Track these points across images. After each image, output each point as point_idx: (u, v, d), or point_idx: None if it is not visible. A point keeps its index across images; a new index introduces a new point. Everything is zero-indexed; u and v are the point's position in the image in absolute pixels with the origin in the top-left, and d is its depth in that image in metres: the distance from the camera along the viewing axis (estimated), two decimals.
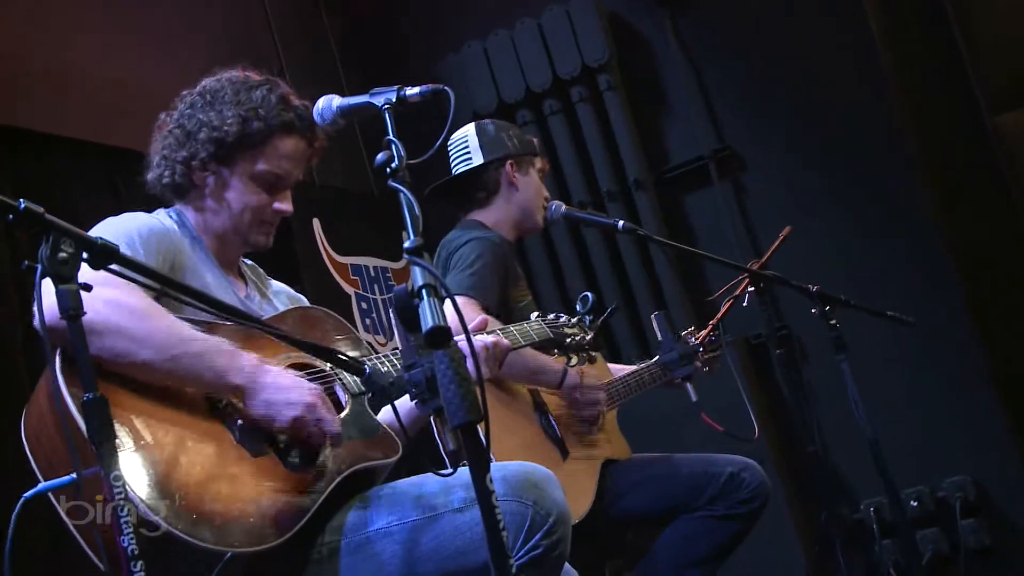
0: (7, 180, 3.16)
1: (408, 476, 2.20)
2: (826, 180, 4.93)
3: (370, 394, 2.02)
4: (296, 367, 2.17)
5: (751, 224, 5.12)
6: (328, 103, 2.06)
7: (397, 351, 2.19)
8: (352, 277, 4.94)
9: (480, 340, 2.44)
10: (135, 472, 1.80)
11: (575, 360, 2.94)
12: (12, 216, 1.58)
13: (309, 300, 2.59)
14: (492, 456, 2.15)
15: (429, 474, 2.07)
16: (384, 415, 2.31)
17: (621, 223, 3.19)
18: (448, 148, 3.48)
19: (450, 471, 1.95)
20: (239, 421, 2.03)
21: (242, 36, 4.75)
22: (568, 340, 2.89)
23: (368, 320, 4.92)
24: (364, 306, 4.93)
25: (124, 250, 2.06)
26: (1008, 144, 4.71)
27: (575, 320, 2.97)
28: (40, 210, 1.59)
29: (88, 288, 1.62)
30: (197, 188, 2.33)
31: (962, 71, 4.75)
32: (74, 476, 1.63)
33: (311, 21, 5.38)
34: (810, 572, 4.39)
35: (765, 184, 5.11)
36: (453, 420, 1.60)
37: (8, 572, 1.74)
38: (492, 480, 1.62)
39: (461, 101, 1.70)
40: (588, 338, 2.94)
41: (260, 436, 2.04)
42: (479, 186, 3.46)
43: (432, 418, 2.26)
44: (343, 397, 2.24)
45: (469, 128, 3.50)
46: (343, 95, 2.08)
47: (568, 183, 5.26)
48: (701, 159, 5.19)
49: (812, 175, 4.97)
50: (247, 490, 1.93)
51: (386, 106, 1.93)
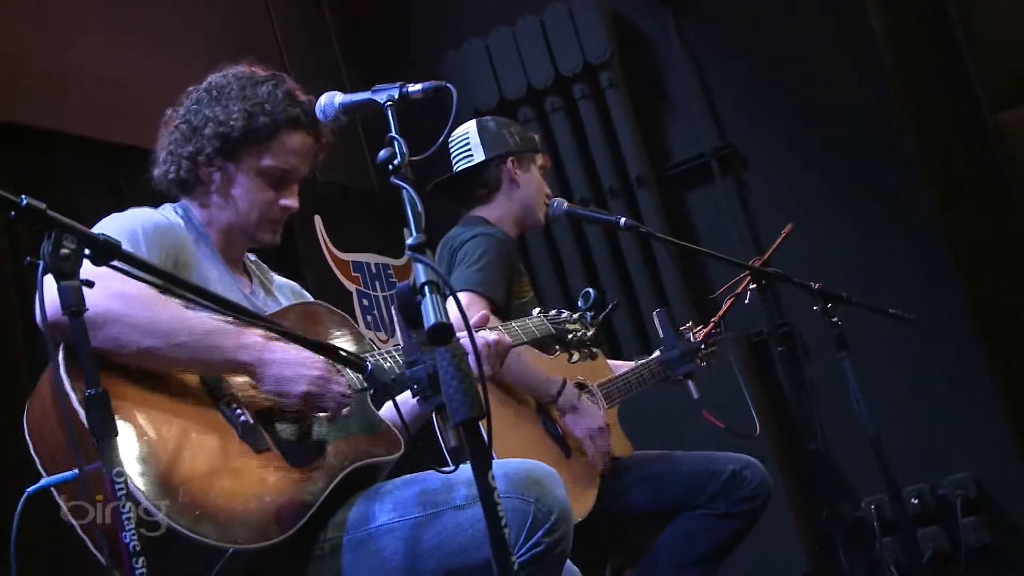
0: (9, 177, 3.16)
1: (410, 473, 2.20)
2: (828, 178, 4.93)
3: (372, 390, 2.01)
4: None
5: (753, 221, 5.12)
6: (330, 100, 2.05)
7: (399, 347, 2.19)
8: (353, 274, 4.94)
9: (482, 337, 2.43)
10: (138, 467, 1.80)
11: (576, 356, 2.93)
12: (14, 212, 1.58)
13: (311, 296, 2.59)
14: (494, 453, 2.15)
15: (431, 471, 2.07)
16: (387, 411, 2.31)
17: (623, 220, 3.18)
18: (449, 145, 3.48)
19: (452, 468, 1.95)
20: (242, 417, 2.03)
21: (244, 34, 4.76)
22: (569, 336, 2.88)
23: (369, 317, 4.92)
24: (365, 303, 4.93)
25: (127, 246, 2.06)
26: (1009, 142, 4.70)
27: (577, 316, 2.96)
28: (42, 206, 1.59)
29: (90, 284, 1.62)
30: (203, 184, 2.32)
31: (963, 69, 4.74)
32: (77, 472, 1.63)
33: (313, 19, 5.37)
34: (811, 570, 4.39)
35: (767, 181, 5.11)
36: (455, 417, 1.60)
37: (14, 566, 1.74)
38: (494, 477, 1.62)
39: (463, 98, 1.70)
40: (589, 334, 2.93)
41: (263, 432, 2.04)
42: (480, 183, 3.46)
43: (434, 415, 2.27)
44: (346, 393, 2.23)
45: (470, 125, 3.49)
46: (345, 92, 2.08)
47: (570, 180, 5.26)
48: (703, 156, 5.19)
49: (814, 173, 4.97)
50: (250, 486, 1.93)
51: (388, 103, 1.93)
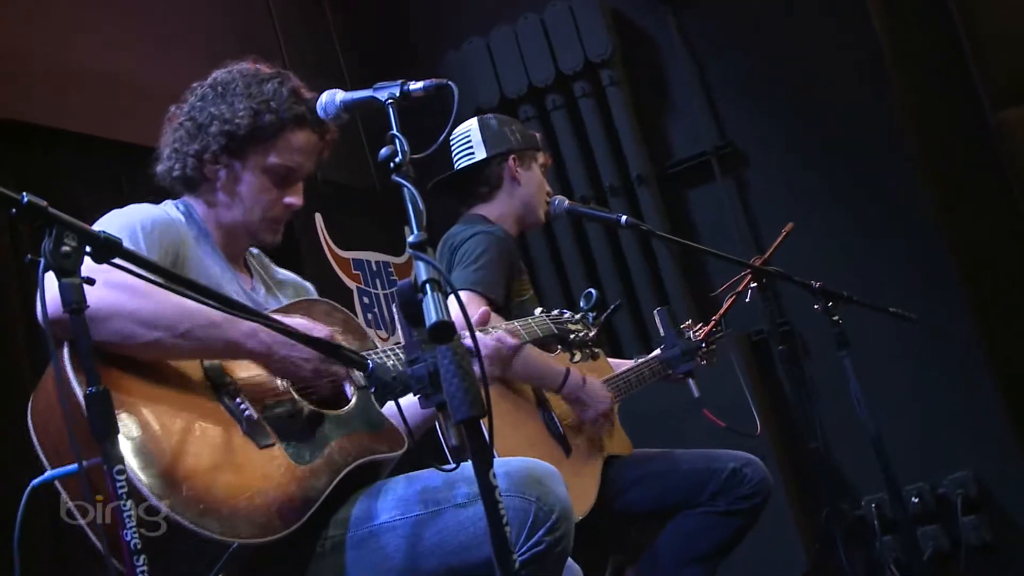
0: (10, 174, 3.15)
1: (411, 470, 2.19)
2: (828, 176, 4.93)
3: (373, 389, 2.01)
4: None
5: (753, 220, 5.11)
6: (332, 97, 2.05)
7: (400, 345, 2.19)
8: (354, 272, 4.94)
9: (486, 340, 2.44)
10: (142, 461, 1.80)
11: (578, 356, 2.92)
12: (15, 210, 1.58)
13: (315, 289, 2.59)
14: (495, 452, 2.15)
15: (432, 469, 2.07)
16: (389, 410, 2.31)
17: (624, 218, 3.18)
18: (451, 143, 3.47)
19: (453, 466, 1.95)
20: (246, 411, 2.02)
21: (245, 31, 4.75)
22: (571, 336, 2.87)
23: (370, 315, 4.92)
24: (366, 301, 4.93)
25: (127, 242, 2.06)
26: (1010, 141, 4.70)
27: (579, 316, 2.95)
28: (43, 204, 1.58)
29: (91, 282, 1.62)
30: (208, 181, 2.32)
31: (964, 67, 4.74)
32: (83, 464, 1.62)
33: (313, 17, 5.37)
34: (811, 568, 4.39)
35: (767, 180, 5.11)
36: (456, 415, 1.60)
37: (17, 562, 1.74)
38: (495, 475, 1.62)
39: (463, 96, 1.70)
40: (591, 334, 2.93)
41: (267, 427, 2.04)
42: (481, 181, 3.45)
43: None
44: (349, 390, 2.24)
45: (472, 123, 3.49)
46: (346, 90, 2.07)
47: (570, 178, 5.26)
48: (703, 155, 5.18)
49: (815, 171, 4.96)
50: (254, 481, 1.93)
51: (390, 100, 1.92)
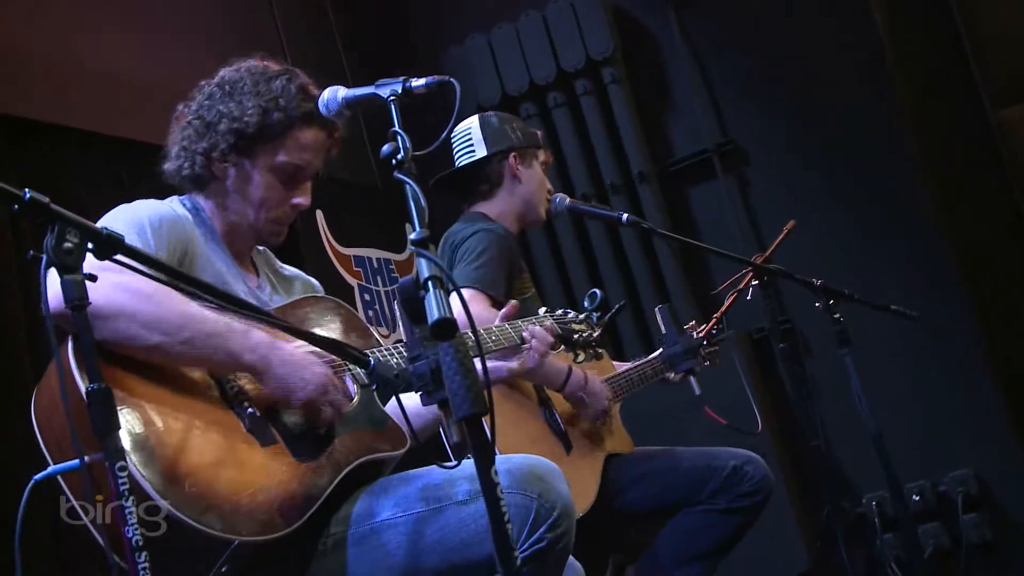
0: (12, 170, 3.15)
1: (412, 468, 2.20)
2: (830, 174, 4.92)
3: (375, 386, 2.01)
4: None
5: (755, 218, 5.11)
6: (334, 94, 2.04)
7: (402, 342, 2.19)
8: (355, 269, 4.94)
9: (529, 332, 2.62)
10: (145, 457, 1.80)
11: (582, 356, 2.92)
12: (17, 206, 1.58)
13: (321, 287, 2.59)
14: (496, 449, 2.15)
15: (433, 466, 2.07)
16: (392, 408, 2.31)
17: (625, 216, 3.18)
18: (452, 140, 3.48)
19: (454, 463, 1.95)
20: (250, 409, 2.02)
21: (246, 29, 4.75)
22: (575, 336, 2.87)
23: (371, 312, 4.92)
24: (367, 298, 4.93)
25: (135, 238, 2.07)
26: (1011, 139, 4.70)
27: (582, 316, 2.95)
28: (45, 200, 1.58)
29: (93, 278, 1.61)
30: (217, 180, 2.32)
31: (965, 65, 4.74)
32: (85, 460, 1.62)
33: (315, 14, 5.36)
34: (812, 566, 4.39)
35: (769, 178, 5.10)
36: (458, 412, 1.60)
37: (18, 553, 1.74)
38: (497, 472, 1.62)
39: (465, 94, 1.69)
40: (595, 335, 2.92)
41: (271, 425, 2.04)
42: (482, 178, 3.46)
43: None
44: (352, 388, 2.24)
45: (473, 120, 3.49)
46: (348, 87, 2.07)
47: (572, 176, 5.25)
48: (705, 153, 5.18)
49: (816, 169, 4.95)
50: (256, 479, 1.93)
51: (392, 97, 1.92)
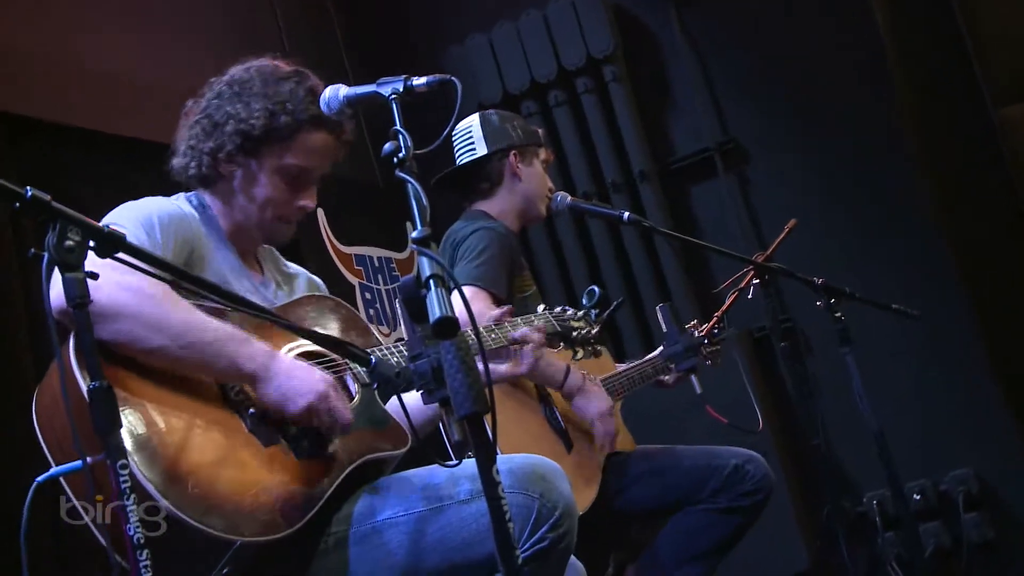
0: (13, 168, 3.15)
1: (414, 466, 2.19)
2: (831, 173, 4.92)
3: (375, 385, 2.01)
4: (307, 356, 2.17)
5: (756, 216, 5.11)
6: (335, 92, 2.04)
7: (402, 341, 2.19)
8: (356, 267, 4.93)
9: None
10: (146, 456, 1.80)
11: (581, 353, 2.92)
12: (19, 204, 1.57)
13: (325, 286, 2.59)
14: (498, 448, 2.14)
15: (435, 465, 2.07)
16: (393, 406, 2.31)
17: (627, 214, 3.17)
18: (453, 138, 3.48)
19: (455, 462, 1.95)
20: (251, 410, 2.02)
21: (247, 27, 4.74)
22: (574, 334, 2.88)
23: (372, 310, 4.92)
24: (368, 296, 4.92)
25: (143, 235, 2.07)
26: (1012, 138, 4.70)
27: (581, 313, 2.96)
28: (47, 198, 1.58)
29: (95, 276, 1.61)
30: (223, 179, 2.32)
31: (966, 64, 4.73)
32: (87, 461, 1.62)
33: (316, 13, 5.36)
34: (812, 565, 4.39)
35: (770, 176, 5.10)
36: (459, 411, 1.60)
37: (24, 554, 1.74)
38: (498, 472, 1.62)
39: (466, 92, 1.69)
40: (594, 332, 2.93)
41: (272, 426, 2.04)
42: (483, 176, 3.46)
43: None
44: (353, 387, 2.23)
45: (474, 118, 3.49)
46: (349, 85, 2.07)
47: (573, 174, 5.25)
48: (706, 151, 5.18)
49: (817, 167, 4.95)
50: (258, 479, 1.93)
51: (393, 96, 1.91)
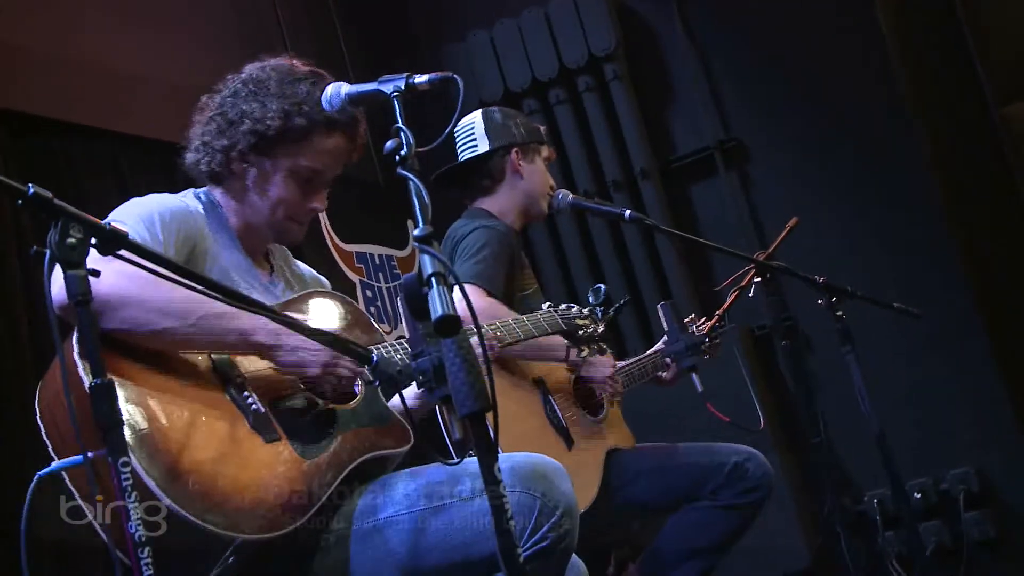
0: (14, 165, 3.15)
1: (415, 464, 2.20)
2: (832, 171, 4.92)
3: (377, 382, 2.01)
4: None
5: (756, 215, 5.11)
6: (337, 90, 2.04)
7: (404, 338, 2.19)
8: (357, 265, 4.93)
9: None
10: (148, 453, 1.80)
11: (586, 352, 2.93)
12: (21, 201, 1.58)
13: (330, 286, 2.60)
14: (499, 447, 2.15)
15: (437, 463, 2.07)
16: (395, 402, 2.31)
17: (628, 212, 3.17)
18: (455, 135, 3.48)
19: (456, 460, 1.95)
20: (254, 405, 2.03)
21: (248, 23, 4.74)
22: (579, 332, 2.88)
23: (373, 308, 4.91)
24: (369, 294, 4.92)
25: (144, 231, 2.07)
26: (1015, 135, 4.69)
27: (587, 312, 2.96)
28: (49, 195, 1.58)
29: (96, 274, 1.62)
30: (235, 177, 2.32)
31: (969, 62, 4.73)
32: (88, 455, 1.62)
33: (317, 10, 5.35)
34: (813, 563, 4.39)
35: (771, 175, 5.10)
36: (461, 409, 1.60)
37: (24, 548, 1.74)
38: (500, 470, 1.62)
39: (467, 90, 1.69)
40: (599, 330, 2.93)
41: (274, 421, 2.04)
42: (484, 173, 3.46)
43: (438, 407, 2.26)
44: (357, 385, 2.24)
45: (476, 115, 3.49)
46: (350, 83, 2.07)
47: (574, 172, 5.25)
48: (707, 149, 5.18)
49: (818, 166, 4.95)
50: (259, 476, 1.93)
51: (395, 93, 1.91)
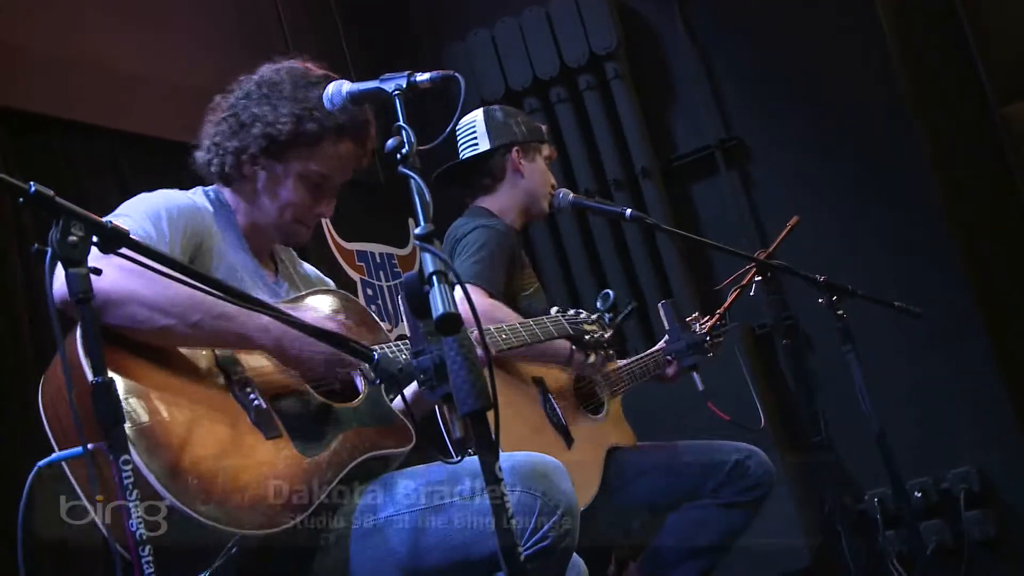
0: (15, 163, 3.15)
1: (416, 463, 2.20)
2: (833, 171, 4.92)
3: (378, 381, 2.01)
4: None
5: (757, 214, 5.10)
6: (338, 88, 2.04)
7: (405, 337, 2.19)
8: (358, 263, 4.93)
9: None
10: (149, 448, 1.80)
11: (593, 357, 2.92)
12: (23, 199, 1.58)
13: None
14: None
15: (437, 462, 2.07)
16: (398, 402, 2.31)
17: (629, 211, 3.18)
18: (456, 134, 3.48)
19: (456, 459, 1.95)
20: (256, 401, 2.03)
21: (249, 22, 4.73)
22: (587, 337, 2.87)
23: (373, 307, 4.91)
24: (370, 292, 4.92)
25: (150, 227, 2.08)
26: (1015, 135, 4.69)
27: (594, 317, 2.95)
28: (50, 193, 1.58)
29: (98, 272, 1.62)
30: (245, 178, 2.33)
31: (969, 61, 4.73)
32: (89, 447, 1.62)
33: (318, 9, 5.35)
34: (813, 562, 4.39)
35: (772, 174, 5.10)
36: (462, 408, 1.60)
37: (20, 540, 1.74)
38: (501, 469, 1.62)
39: (468, 88, 1.69)
40: (607, 336, 2.92)
41: (275, 418, 2.05)
42: (485, 172, 3.46)
43: (438, 406, 2.27)
44: (359, 384, 2.24)
45: (477, 114, 3.49)
46: (351, 81, 2.07)
47: (575, 171, 5.24)
48: (708, 148, 5.18)
49: (819, 165, 4.95)
50: (260, 473, 1.93)
51: (396, 92, 1.91)
